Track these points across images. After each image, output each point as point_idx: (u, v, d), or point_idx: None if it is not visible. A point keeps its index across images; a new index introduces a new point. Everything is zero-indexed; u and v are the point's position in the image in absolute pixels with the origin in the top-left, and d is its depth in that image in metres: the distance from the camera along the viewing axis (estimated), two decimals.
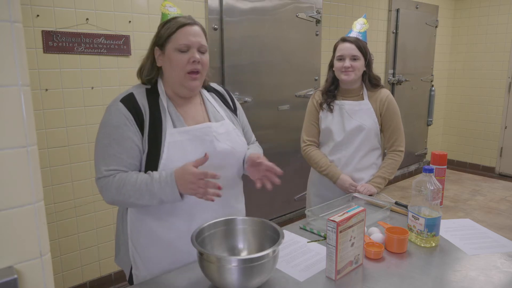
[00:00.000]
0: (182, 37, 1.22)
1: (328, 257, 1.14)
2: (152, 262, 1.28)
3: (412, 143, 4.97)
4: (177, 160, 1.20)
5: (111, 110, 1.23)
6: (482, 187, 4.72)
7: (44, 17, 2.14)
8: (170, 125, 1.24)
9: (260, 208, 3.33)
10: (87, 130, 2.38)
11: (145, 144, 1.21)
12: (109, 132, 1.20)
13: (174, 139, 1.22)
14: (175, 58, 1.23)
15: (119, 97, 1.26)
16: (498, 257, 1.28)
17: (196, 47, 1.24)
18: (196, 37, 1.24)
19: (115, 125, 1.20)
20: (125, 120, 1.20)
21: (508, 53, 4.90)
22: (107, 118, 1.22)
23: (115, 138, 1.19)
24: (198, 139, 1.25)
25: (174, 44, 1.23)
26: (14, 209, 0.65)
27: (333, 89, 1.97)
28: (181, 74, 1.24)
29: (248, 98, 3.09)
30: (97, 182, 1.21)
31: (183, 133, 1.24)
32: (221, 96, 1.45)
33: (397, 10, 4.40)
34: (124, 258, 1.35)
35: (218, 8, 2.83)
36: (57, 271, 2.39)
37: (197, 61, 1.24)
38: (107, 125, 1.22)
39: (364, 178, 1.95)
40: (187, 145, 1.24)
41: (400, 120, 1.99)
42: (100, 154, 1.21)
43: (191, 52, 1.23)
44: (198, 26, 1.27)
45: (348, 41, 1.87)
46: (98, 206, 2.51)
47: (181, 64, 1.23)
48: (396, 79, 4.52)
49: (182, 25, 1.23)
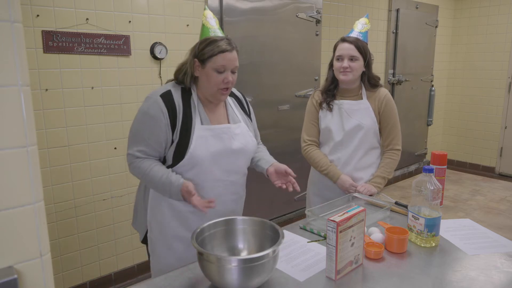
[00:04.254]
0: (221, 61, 1.42)
1: (328, 257, 1.14)
2: (167, 227, 1.52)
3: (412, 143, 4.97)
4: (201, 151, 1.44)
5: (151, 101, 1.44)
6: (482, 187, 4.72)
7: (44, 17, 2.14)
8: (198, 122, 1.47)
9: (260, 208, 3.33)
10: (87, 130, 2.38)
11: (176, 135, 1.43)
12: (145, 120, 1.43)
13: (200, 134, 1.45)
14: (212, 76, 1.44)
15: (158, 91, 1.46)
16: (498, 257, 1.28)
17: (231, 69, 1.46)
18: (232, 61, 1.45)
19: (151, 115, 1.42)
20: (161, 113, 1.41)
21: (508, 53, 4.90)
22: (147, 107, 1.44)
23: (148, 126, 1.42)
24: (219, 136, 1.49)
25: (213, 65, 1.43)
26: (14, 209, 0.65)
27: (333, 88, 1.97)
28: (214, 89, 1.46)
29: (248, 98, 3.06)
30: (128, 156, 1.47)
31: (208, 130, 1.48)
32: (239, 101, 1.69)
33: (397, 10, 4.40)
34: (141, 223, 1.60)
35: (218, 8, 2.83)
36: (57, 271, 2.39)
37: (231, 83, 1.46)
38: (145, 113, 1.43)
39: (363, 178, 1.95)
40: (210, 140, 1.47)
41: (397, 119, 2.01)
42: (134, 135, 1.47)
43: (226, 74, 1.44)
44: (236, 50, 1.47)
45: (347, 42, 1.87)
46: (98, 206, 2.51)
47: (217, 83, 1.44)
48: (396, 79, 4.52)
49: (224, 51, 1.42)
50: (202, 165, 1.46)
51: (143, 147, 1.44)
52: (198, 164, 1.45)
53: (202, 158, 1.45)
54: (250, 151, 1.60)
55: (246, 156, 1.59)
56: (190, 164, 1.45)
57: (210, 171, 1.48)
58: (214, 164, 1.48)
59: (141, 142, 1.44)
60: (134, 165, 1.46)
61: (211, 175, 1.49)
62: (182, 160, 1.44)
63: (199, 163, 1.45)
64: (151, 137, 1.43)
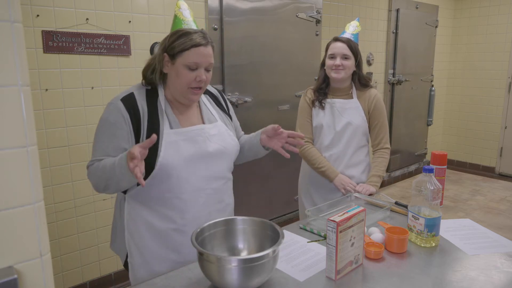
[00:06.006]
0: (194, 57, 1.27)
1: (328, 257, 1.14)
2: (147, 250, 1.35)
3: (412, 143, 4.97)
4: (172, 158, 1.28)
5: (111, 107, 1.29)
6: (482, 187, 4.72)
7: (44, 17, 2.14)
8: (167, 126, 1.31)
9: (260, 208, 3.33)
10: (87, 130, 2.38)
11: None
12: (105, 128, 1.28)
13: (170, 139, 1.30)
14: (183, 74, 1.29)
15: (120, 96, 1.32)
16: (498, 257, 1.28)
17: (204, 66, 1.30)
18: (207, 57, 1.29)
19: (111, 122, 1.27)
20: (122, 118, 1.27)
21: (508, 53, 4.90)
22: (106, 114, 1.30)
23: (108, 134, 1.27)
24: (191, 139, 1.34)
25: (185, 60, 1.27)
26: (14, 209, 0.65)
27: (324, 87, 2.02)
28: (185, 88, 1.31)
29: (248, 98, 3.09)
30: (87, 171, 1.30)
31: (179, 134, 1.32)
32: (215, 98, 1.53)
33: (397, 10, 4.40)
34: (120, 245, 1.42)
35: (218, 8, 2.83)
36: (57, 271, 2.39)
37: (203, 81, 1.31)
38: (105, 120, 1.29)
39: (354, 176, 2.00)
40: (182, 145, 1.31)
41: (386, 119, 2.06)
42: (94, 144, 1.31)
43: (198, 72, 1.29)
44: (211, 45, 1.31)
45: (340, 41, 1.93)
46: (98, 206, 2.51)
47: (188, 81, 1.29)
48: (396, 79, 4.52)
49: (197, 45, 1.27)
50: (177, 175, 1.29)
51: (103, 157, 1.26)
52: (171, 173, 1.28)
53: (174, 166, 1.28)
54: (230, 153, 1.43)
55: (226, 159, 1.42)
56: (162, 174, 1.28)
57: (187, 180, 1.31)
58: (191, 172, 1.32)
59: (100, 152, 1.27)
60: (89, 170, 1.28)
61: (188, 184, 1.32)
62: (153, 170, 1.27)
63: (173, 172, 1.28)
64: (109, 145, 1.26)
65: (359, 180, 2.00)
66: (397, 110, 4.58)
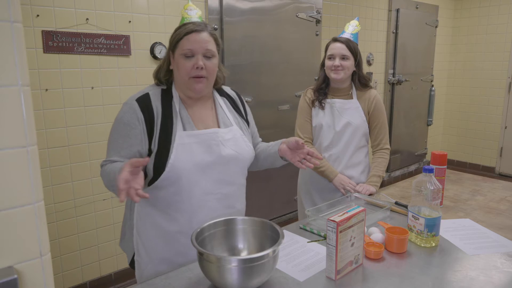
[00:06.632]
0: (187, 44, 1.26)
1: (328, 257, 1.14)
2: (153, 251, 1.35)
3: (412, 143, 4.96)
4: (184, 161, 1.27)
5: (126, 108, 1.29)
6: (482, 187, 4.72)
7: (44, 17, 2.14)
8: (180, 128, 1.29)
9: (260, 208, 3.33)
10: (87, 130, 2.38)
11: (155, 144, 1.27)
12: (119, 128, 1.28)
13: (182, 141, 1.28)
14: (181, 63, 1.28)
15: (135, 96, 1.31)
16: (498, 257, 1.28)
17: (201, 53, 1.27)
18: (201, 43, 1.27)
19: (125, 123, 1.27)
20: (136, 120, 1.26)
21: (508, 53, 4.90)
22: (121, 114, 1.30)
23: (122, 134, 1.27)
24: (205, 143, 1.31)
25: (180, 50, 1.28)
26: (14, 209, 0.65)
27: (324, 87, 2.02)
28: (186, 78, 1.29)
29: (248, 98, 3.09)
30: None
31: (192, 136, 1.30)
32: (233, 101, 1.50)
33: (397, 10, 4.40)
34: (128, 244, 1.43)
35: (218, 8, 2.83)
36: (57, 271, 2.39)
37: (201, 67, 1.27)
38: (119, 121, 1.29)
39: (354, 176, 2.00)
40: (195, 148, 1.29)
41: (386, 119, 2.06)
42: (108, 145, 1.31)
43: (195, 59, 1.27)
44: (207, 32, 1.29)
45: (339, 41, 1.93)
46: (98, 206, 2.51)
47: (186, 70, 1.28)
48: (396, 79, 4.52)
49: (190, 31, 1.26)
50: (187, 177, 1.27)
51: (116, 158, 1.25)
52: (181, 176, 1.26)
53: (185, 169, 1.26)
54: (244, 159, 1.40)
55: (239, 165, 1.39)
56: (172, 176, 1.26)
57: (197, 184, 1.29)
58: (201, 175, 1.30)
59: (114, 152, 1.27)
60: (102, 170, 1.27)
61: (198, 188, 1.30)
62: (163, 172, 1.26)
63: (183, 175, 1.26)
64: (123, 146, 1.26)
65: (358, 181, 2.00)
66: (397, 110, 4.58)
